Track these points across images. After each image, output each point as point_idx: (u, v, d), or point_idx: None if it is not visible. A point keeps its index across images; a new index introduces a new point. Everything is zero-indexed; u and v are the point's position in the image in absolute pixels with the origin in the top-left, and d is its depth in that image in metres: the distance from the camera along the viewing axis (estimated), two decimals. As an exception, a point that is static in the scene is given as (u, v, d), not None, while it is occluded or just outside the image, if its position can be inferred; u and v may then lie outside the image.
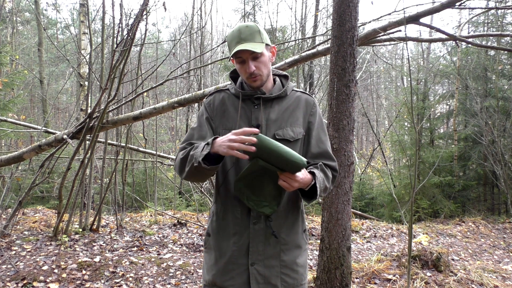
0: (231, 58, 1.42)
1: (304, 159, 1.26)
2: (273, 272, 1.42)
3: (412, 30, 71.31)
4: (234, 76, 1.58)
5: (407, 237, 4.48)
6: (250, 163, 1.29)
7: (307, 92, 1.57)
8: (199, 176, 1.39)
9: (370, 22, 4.77)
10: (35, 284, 3.13)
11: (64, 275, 3.32)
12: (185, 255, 4.28)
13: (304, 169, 1.31)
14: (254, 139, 1.21)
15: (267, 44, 1.44)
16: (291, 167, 1.25)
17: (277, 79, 1.56)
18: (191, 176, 1.39)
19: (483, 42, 9.29)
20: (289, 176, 1.27)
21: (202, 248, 4.59)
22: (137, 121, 4.59)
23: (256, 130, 1.24)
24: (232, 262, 1.43)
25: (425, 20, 4.13)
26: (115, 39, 4.30)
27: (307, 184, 1.34)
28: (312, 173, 1.36)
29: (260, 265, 1.41)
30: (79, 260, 3.62)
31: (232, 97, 1.53)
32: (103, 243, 4.31)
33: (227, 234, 1.45)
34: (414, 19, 4.01)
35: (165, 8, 4.04)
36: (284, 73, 1.59)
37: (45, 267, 3.42)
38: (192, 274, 3.70)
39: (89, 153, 4.31)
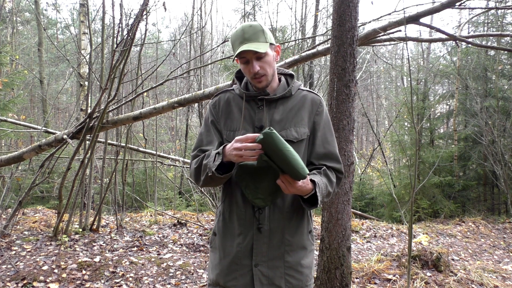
0: (235, 58, 1.40)
1: (307, 171, 1.24)
2: (277, 273, 1.41)
3: (412, 30, 71.31)
4: (239, 76, 1.57)
5: (407, 237, 4.48)
6: (257, 160, 1.30)
7: (314, 91, 1.55)
8: (215, 183, 1.44)
9: (370, 22, 4.77)
10: (35, 284, 3.13)
11: (64, 275, 3.32)
12: (185, 255, 4.28)
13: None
14: (259, 145, 1.22)
15: (271, 44, 1.42)
16: (291, 173, 1.24)
17: (282, 78, 1.54)
18: (207, 184, 1.44)
19: (483, 42, 9.29)
20: (289, 180, 1.26)
21: (202, 248, 4.59)
22: (137, 121, 4.59)
23: (257, 135, 1.23)
24: (235, 263, 1.43)
25: (425, 20, 4.13)
26: (115, 39, 4.30)
27: (306, 193, 1.33)
28: (313, 182, 1.34)
29: (264, 266, 1.41)
30: (79, 260, 3.62)
31: (237, 97, 1.51)
32: (103, 243, 4.31)
33: (232, 234, 1.45)
34: (414, 19, 4.01)
35: (165, 8, 4.04)
36: (290, 72, 1.55)
37: (45, 267, 3.42)
38: (192, 274, 3.70)
39: (89, 153, 4.31)
